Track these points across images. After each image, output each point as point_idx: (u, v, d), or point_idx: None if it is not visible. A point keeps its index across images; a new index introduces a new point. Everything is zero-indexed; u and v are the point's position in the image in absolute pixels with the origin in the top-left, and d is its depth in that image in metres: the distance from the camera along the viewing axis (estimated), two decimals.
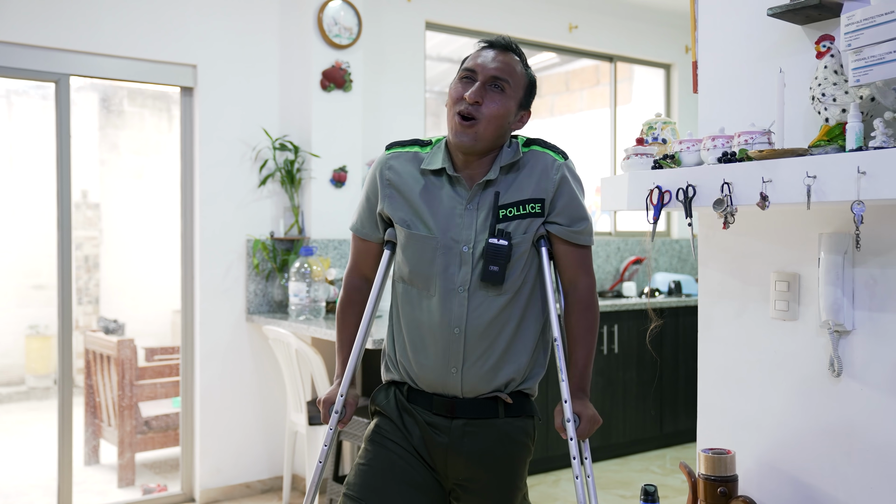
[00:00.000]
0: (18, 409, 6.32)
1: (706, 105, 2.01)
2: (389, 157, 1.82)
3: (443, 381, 1.76)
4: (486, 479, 1.78)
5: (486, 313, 1.74)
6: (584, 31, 5.18)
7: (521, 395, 1.83)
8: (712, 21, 1.99)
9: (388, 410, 1.82)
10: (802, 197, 1.52)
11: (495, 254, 1.71)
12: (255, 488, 3.99)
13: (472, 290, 1.74)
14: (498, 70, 1.73)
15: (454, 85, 1.75)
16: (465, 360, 1.74)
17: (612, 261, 5.26)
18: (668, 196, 1.80)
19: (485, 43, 1.79)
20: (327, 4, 3.93)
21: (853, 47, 1.52)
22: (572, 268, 1.83)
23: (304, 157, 3.97)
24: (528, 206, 1.76)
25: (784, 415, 1.84)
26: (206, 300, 3.86)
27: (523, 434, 1.82)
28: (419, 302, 1.77)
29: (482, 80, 1.73)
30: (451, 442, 1.76)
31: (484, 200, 1.76)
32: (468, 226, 1.74)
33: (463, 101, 1.71)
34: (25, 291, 6.64)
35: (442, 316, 1.74)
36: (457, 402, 1.76)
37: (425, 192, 1.77)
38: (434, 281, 1.75)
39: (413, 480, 1.76)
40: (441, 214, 1.75)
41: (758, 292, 1.90)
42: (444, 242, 1.74)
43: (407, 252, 1.78)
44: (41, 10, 3.44)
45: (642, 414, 4.67)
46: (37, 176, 6.37)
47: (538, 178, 1.77)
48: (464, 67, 1.76)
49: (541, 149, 1.81)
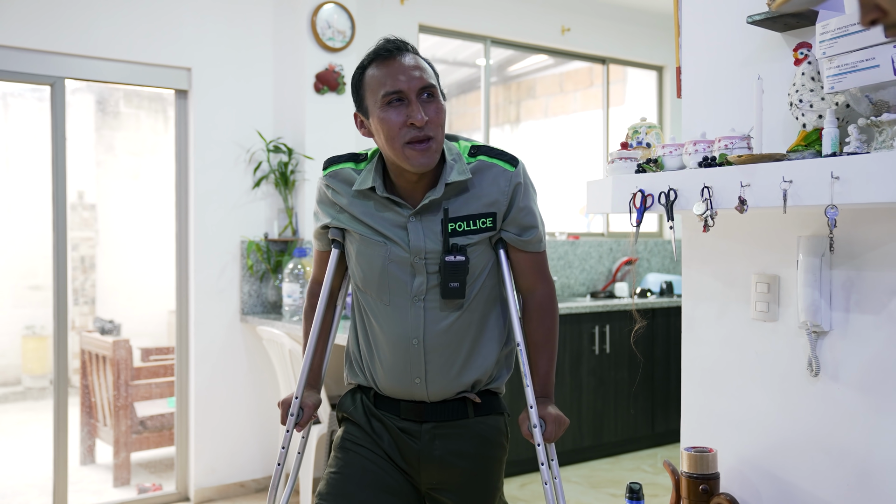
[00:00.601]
0: (15, 409, 6.35)
1: (689, 110, 2.05)
2: (326, 177, 1.78)
3: (408, 390, 1.74)
4: (462, 481, 1.76)
5: (444, 322, 1.71)
6: (576, 33, 5.22)
7: (489, 393, 1.81)
8: (695, 28, 2.03)
9: (356, 417, 1.80)
10: (779, 201, 1.56)
11: (454, 270, 1.67)
12: (249, 487, 4.02)
13: (428, 300, 1.70)
14: (421, 79, 1.64)
15: (382, 116, 1.63)
16: (427, 371, 1.71)
17: (605, 261, 5.30)
18: (651, 199, 1.84)
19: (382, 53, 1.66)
20: (321, 8, 3.97)
21: (828, 55, 1.56)
22: (528, 274, 1.81)
23: (297, 159, 4.01)
24: (479, 220, 1.71)
25: (764, 414, 1.88)
26: (201, 301, 3.89)
27: (497, 433, 1.81)
28: (376, 310, 1.75)
29: (413, 96, 1.63)
30: (423, 446, 1.74)
31: (430, 213, 1.70)
32: (416, 237, 1.69)
33: (411, 127, 1.61)
34: (22, 292, 6.66)
35: (399, 327, 1.71)
36: (425, 406, 1.74)
37: (367, 208, 1.74)
38: (387, 289, 1.72)
39: (386, 485, 1.73)
40: (387, 227, 1.72)
41: (739, 293, 1.94)
42: (394, 251, 1.70)
43: (360, 259, 1.75)
44: (36, 13, 3.47)
45: (634, 413, 4.71)
46: (33, 177, 6.40)
47: (488, 191, 1.70)
48: (385, 93, 1.62)
49: (489, 159, 1.73)
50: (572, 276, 5.17)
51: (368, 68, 1.68)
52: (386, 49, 1.66)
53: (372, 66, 1.67)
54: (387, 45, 1.67)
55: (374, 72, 1.66)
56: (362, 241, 1.74)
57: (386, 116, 1.63)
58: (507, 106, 6.71)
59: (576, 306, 4.48)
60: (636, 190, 1.85)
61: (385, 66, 1.65)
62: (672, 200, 1.78)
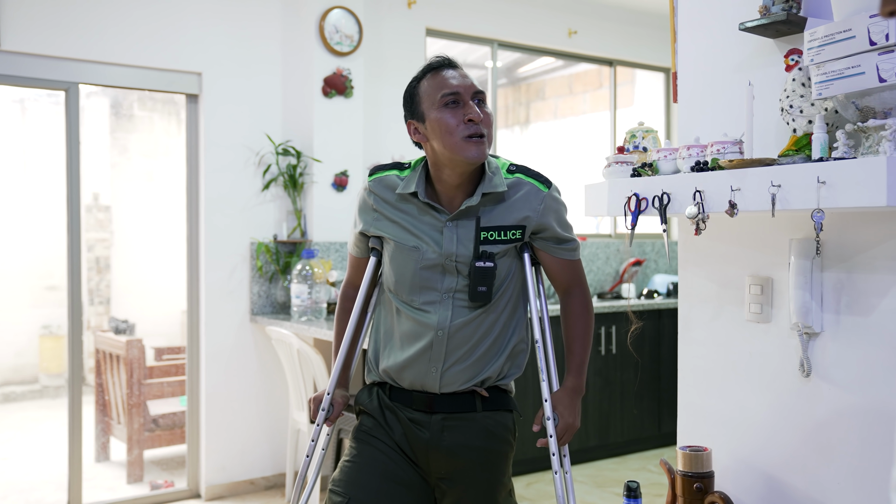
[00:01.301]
0: (32, 406, 6.45)
1: (685, 114, 2.09)
2: (371, 183, 1.91)
3: (421, 380, 1.84)
4: (467, 474, 1.85)
5: (469, 317, 1.83)
6: (583, 36, 5.25)
7: (498, 390, 1.90)
8: (690, 34, 2.07)
9: (370, 409, 1.90)
10: (768, 205, 1.60)
11: (483, 275, 1.80)
12: (259, 485, 4.09)
13: (457, 297, 1.82)
14: (474, 85, 1.82)
15: (439, 115, 1.78)
16: (445, 361, 1.82)
17: (612, 262, 5.32)
18: (646, 203, 1.88)
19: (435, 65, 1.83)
20: (329, 13, 4.03)
21: (815, 62, 1.60)
22: (564, 277, 1.93)
23: (306, 161, 4.06)
24: (509, 232, 1.83)
25: (758, 413, 1.91)
26: (212, 301, 3.96)
27: (503, 428, 1.89)
28: (406, 309, 1.85)
29: (469, 97, 1.79)
30: (432, 437, 1.83)
31: (464, 220, 1.83)
32: (449, 241, 1.82)
33: (470, 123, 1.76)
34: (39, 292, 6.77)
35: (427, 321, 1.82)
36: (434, 397, 1.84)
37: (406, 213, 1.86)
38: (418, 291, 1.83)
39: (397, 476, 1.83)
40: (423, 231, 1.83)
41: (733, 295, 1.97)
42: (428, 255, 1.82)
43: (393, 263, 1.86)
44: (51, 21, 3.54)
45: (640, 414, 4.74)
46: (49, 179, 6.50)
47: (521, 209, 1.84)
48: (443, 94, 1.78)
49: (525, 178, 1.86)
50: None
51: (423, 80, 1.84)
52: (438, 62, 1.84)
53: (426, 77, 1.83)
54: (439, 59, 1.85)
55: (429, 81, 1.83)
56: (396, 248, 1.86)
57: (443, 116, 1.78)
58: (517, 107, 6.75)
59: None
60: (631, 194, 1.90)
61: (439, 74, 1.82)
62: (665, 204, 1.82)
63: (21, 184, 6.60)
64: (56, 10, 3.55)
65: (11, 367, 6.74)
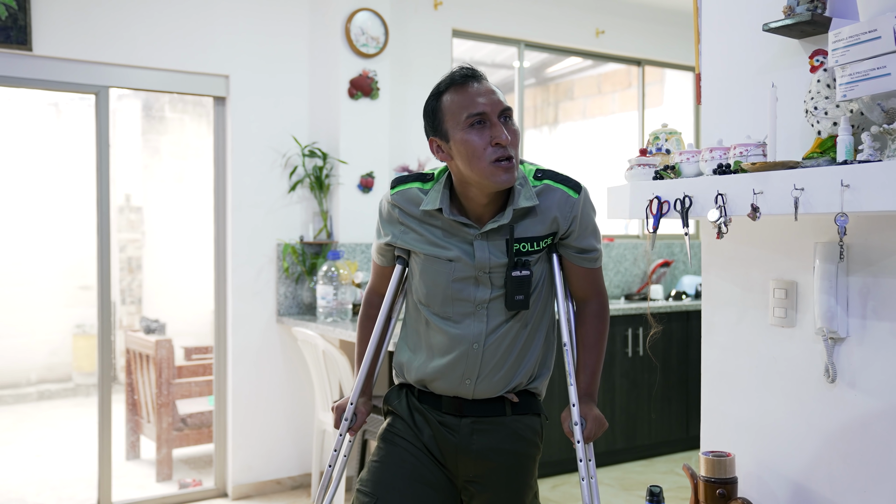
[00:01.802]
0: (66, 404, 6.57)
1: (708, 116, 2.07)
2: (394, 196, 1.85)
3: (454, 389, 1.83)
4: (495, 476, 1.84)
5: (503, 328, 1.81)
6: (611, 35, 5.22)
7: (528, 393, 1.89)
8: (714, 34, 2.04)
9: (400, 410, 1.90)
10: (791, 208, 1.57)
11: (520, 284, 1.77)
12: (285, 484, 4.12)
13: (490, 308, 1.80)
14: (501, 102, 1.73)
15: (464, 138, 1.70)
16: (480, 373, 1.81)
17: (640, 263, 5.28)
18: (667, 206, 1.86)
19: (458, 79, 1.74)
20: (355, 15, 4.05)
21: (840, 63, 1.57)
22: (583, 287, 1.90)
23: (332, 163, 4.09)
24: (541, 242, 1.81)
25: (782, 419, 1.88)
26: (239, 302, 4.00)
27: (531, 432, 1.88)
28: (438, 321, 1.83)
29: (495, 118, 1.72)
30: (461, 440, 1.83)
31: (495, 232, 1.78)
32: (482, 254, 1.78)
33: (498, 146, 1.69)
34: (73, 292, 6.89)
35: (461, 334, 1.80)
36: (465, 402, 1.84)
37: (434, 227, 1.82)
38: (451, 303, 1.81)
39: (424, 478, 1.83)
40: (453, 243, 1.80)
41: (757, 299, 1.95)
42: (459, 266, 1.79)
43: (424, 276, 1.83)
44: (81, 26, 3.61)
45: (668, 416, 4.69)
46: (83, 181, 6.61)
47: (552, 216, 1.79)
48: (469, 115, 1.70)
49: (554, 183, 1.80)
50: (607, 278, 5.17)
51: (445, 94, 1.75)
52: (462, 75, 1.74)
53: (449, 91, 1.74)
54: (462, 71, 1.75)
55: (452, 97, 1.73)
56: (427, 261, 1.83)
57: (469, 138, 1.70)
58: (546, 107, 6.72)
59: (610, 308, 4.48)
60: (652, 196, 1.88)
61: (463, 90, 1.72)
62: (687, 207, 1.80)
63: (55, 185, 6.73)
64: (86, 15, 3.62)
65: (46, 365, 6.87)
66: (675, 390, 4.72)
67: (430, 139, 1.79)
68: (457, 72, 1.76)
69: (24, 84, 3.57)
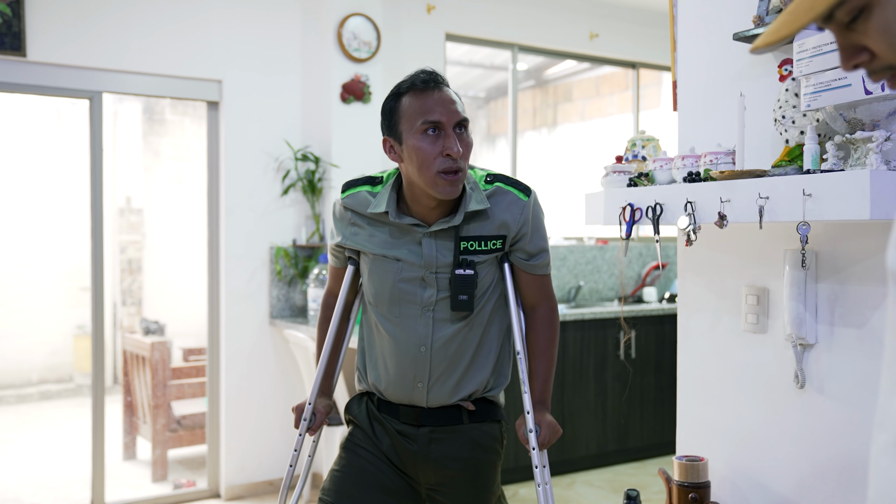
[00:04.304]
0: (67, 405, 6.62)
1: (684, 124, 2.09)
2: (345, 199, 1.87)
3: (408, 395, 1.84)
4: (456, 483, 1.86)
5: (450, 331, 1.81)
6: (605, 38, 5.23)
7: (486, 401, 1.90)
8: (690, 42, 2.06)
9: (359, 419, 1.92)
10: (757, 216, 1.59)
11: (463, 283, 1.77)
12: (277, 485, 4.15)
13: (437, 311, 1.81)
14: (458, 112, 1.73)
15: (416, 143, 1.70)
16: (430, 376, 1.83)
17: (634, 266, 5.30)
18: (640, 213, 1.88)
19: (419, 84, 1.73)
20: (347, 20, 4.07)
21: (804, 73, 1.59)
22: (533, 294, 1.91)
23: (324, 167, 4.12)
24: (489, 242, 1.81)
25: (755, 424, 1.90)
26: (232, 304, 4.03)
27: (490, 439, 1.89)
28: (386, 323, 1.85)
29: (450, 129, 1.71)
30: (420, 449, 1.84)
31: (443, 232, 1.80)
32: (428, 253, 1.79)
33: (446, 157, 1.69)
34: (74, 293, 6.94)
35: (408, 336, 1.81)
36: (422, 411, 1.85)
37: (383, 228, 1.84)
38: (397, 303, 1.82)
39: (385, 486, 1.85)
40: (402, 243, 1.82)
41: (730, 305, 1.97)
42: (406, 268, 1.80)
43: (372, 276, 1.85)
44: (74, 31, 3.64)
45: (660, 418, 4.71)
46: (82, 183, 6.66)
47: (501, 218, 1.80)
48: (424, 122, 1.70)
49: (505, 186, 1.82)
50: (601, 280, 5.18)
51: (404, 96, 1.74)
52: (423, 80, 1.73)
53: (409, 94, 1.73)
54: (424, 76, 1.74)
55: (411, 100, 1.72)
56: (375, 261, 1.85)
57: (421, 145, 1.70)
58: (544, 109, 6.74)
59: (603, 311, 4.50)
60: (625, 204, 1.90)
61: (423, 96, 1.72)
62: (658, 215, 1.82)
63: (56, 188, 6.78)
64: (80, 20, 3.65)
65: (47, 365, 6.93)
66: (667, 392, 4.73)
67: (384, 138, 1.80)
68: (419, 75, 1.75)
69: (19, 90, 3.60)
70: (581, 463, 4.45)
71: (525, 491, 4.09)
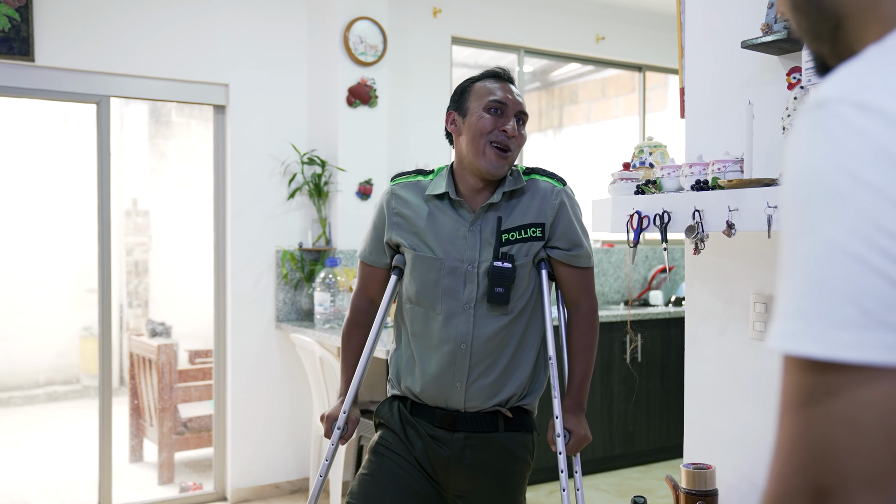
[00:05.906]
0: (73, 406, 6.63)
1: (691, 131, 2.08)
2: (395, 187, 1.94)
3: (446, 396, 1.85)
4: (485, 491, 1.87)
5: (491, 329, 1.84)
6: (611, 41, 5.23)
7: (521, 410, 1.92)
8: (698, 50, 2.06)
9: (391, 423, 1.92)
10: (766, 226, 1.59)
11: (500, 276, 1.82)
12: (283, 489, 4.16)
13: (478, 307, 1.84)
14: (522, 105, 1.88)
15: (479, 115, 1.84)
16: (469, 374, 1.84)
17: (640, 269, 5.29)
18: (647, 221, 1.88)
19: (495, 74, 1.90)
20: (353, 24, 4.08)
21: (812, 82, 1.58)
22: (574, 289, 1.94)
23: (331, 171, 4.12)
24: (529, 230, 1.86)
25: (762, 432, 1.89)
26: (238, 308, 4.04)
27: (522, 448, 1.91)
28: (426, 320, 1.87)
29: (512, 114, 1.85)
30: (453, 454, 1.85)
31: (486, 224, 1.86)
32: (472, 247, 1.85)
33: (502, 132, 1.83)
34: (80, 295, 6.96)
35: (449, 332, 1.84)
36: (458, 415, 1.85)
37: (430, 218, 1.88)
38: (440, 300, 1.85)
39: (413, 491, 1.85)
40: (445, 237, 1.86)
41: (739, 313, 1.96)
42: (449, 263, 1.84)
43: (414, 273, 1.88)
44: (82, 36, 3.65)
45: (666, 422, 4.70)
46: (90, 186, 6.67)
47: (539, 203, 1.88)
48: (491, 99, 1.84)
49: (540, 177, 1.92)
50: (607, 283, 5.18)
51: (480, 81, 1.91)
52: (499, 73, 1.92)
53: (484, 80, 1.91)
54: (500, 70, 1.93)
55: (484, 84, 1.89)
56: (416, 258, 1.88)
57: (483, 116, 1.84)
58: (550, 111, 6.73)
59: (609, 315, 4.49)
60: (633, 211, 1.90)
61: (496, 82, 1.89)
62: (666, 223, 1.82)
63: (63, 191, 6.80)
64: (87, 25, 3.66)
65: (54, 367, 6.94)
66: (673, 396, 4.72)
67: (448, 112, 1.93)
68: (497, 69, 1.93)
69: (27, 94, 3.62)
70: (587, 467, 4.43)
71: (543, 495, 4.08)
